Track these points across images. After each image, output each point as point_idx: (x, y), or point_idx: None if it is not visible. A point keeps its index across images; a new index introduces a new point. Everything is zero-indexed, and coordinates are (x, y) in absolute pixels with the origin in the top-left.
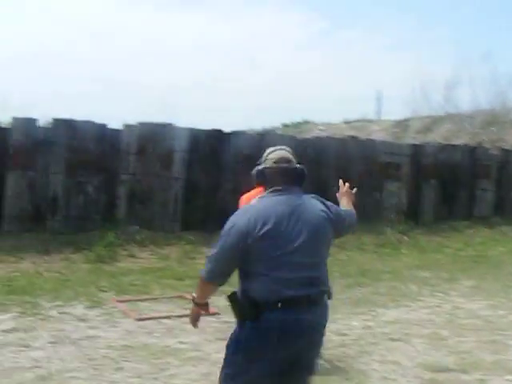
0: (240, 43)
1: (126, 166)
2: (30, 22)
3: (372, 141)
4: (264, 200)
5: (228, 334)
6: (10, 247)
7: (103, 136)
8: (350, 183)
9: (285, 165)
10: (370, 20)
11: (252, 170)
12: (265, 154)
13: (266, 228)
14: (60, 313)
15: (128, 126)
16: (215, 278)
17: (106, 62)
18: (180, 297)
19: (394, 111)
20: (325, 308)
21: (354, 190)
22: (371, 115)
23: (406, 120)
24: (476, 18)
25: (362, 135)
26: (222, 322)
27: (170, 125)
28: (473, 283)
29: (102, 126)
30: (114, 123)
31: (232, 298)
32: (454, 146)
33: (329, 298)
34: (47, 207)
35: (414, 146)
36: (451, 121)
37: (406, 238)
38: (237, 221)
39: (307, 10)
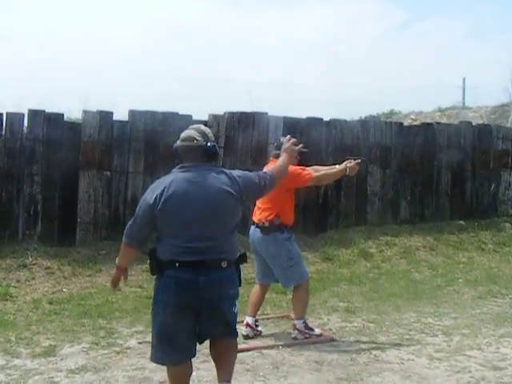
0: (319, 38)
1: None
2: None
3: (487, 126)
4: (171, 175)
5: None
6: (84, 258)
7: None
8: None
9: (187, 143)
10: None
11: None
12: None
13: (168, 202)
14: (140, 343)
15: (214, 116)
16: (132, 241)
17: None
18: (286, 317)
19: (489, 98)
20: (225, 272)
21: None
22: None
23: (505, 105)
24: None
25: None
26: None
27: (264, 113)
28: None
29: (188, 117)
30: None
31: (149, 254)
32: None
33: (234, 263)
34: (126, 211)
35: None
36: None
37: None
38: (147, 194)
39: (384, 2)
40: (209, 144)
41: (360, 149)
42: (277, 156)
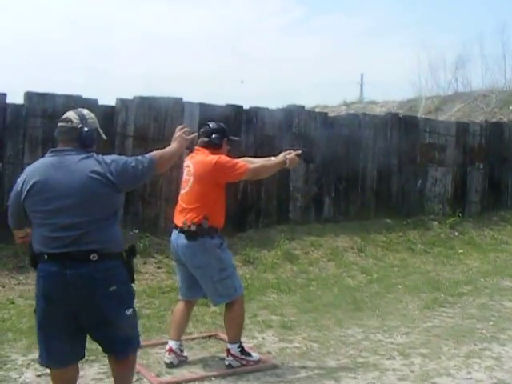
0: (222, 33)
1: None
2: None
3: (414, 118)
4: (39, 161)
5: None
6: None
7: None
8: None
9: (62, 124)
10: (348, 5)
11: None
12: None
13: (32, 189)
14: (39, 375)
15: (122, 101)
16: (13, 225)
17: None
18: (213, 336)
19: (393, 93)
20: (97, 266)
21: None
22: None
23: (412, 100)
24: None
25: None
26: None
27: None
28: None
29: (93, 101)
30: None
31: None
32: (499, 123)
33: (116, 256)
34: None
35: (458, 123)
36: (462, 100)
37: (456, 233)
38: (17, 180)
39: None
40: (85, 128)
41: (282, 140)
42: (205, 145)
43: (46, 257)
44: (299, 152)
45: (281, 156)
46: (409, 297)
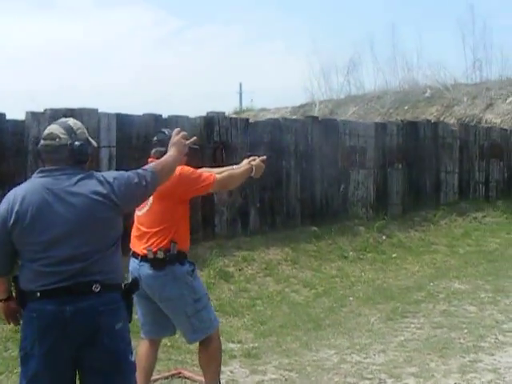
0: (95, 46)
1: None
2: None
3: (333, 120)
4: (27, 183)
5: None
6: None
7: None
8: None
9: (48, 142)
10: (223, 15)
11: None
12: None
13: (21, 217)
14: None
15: (33, 114)
16: None
17: None
18: (177, 375)
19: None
20: (99, 298)
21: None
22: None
23: (305, 105)
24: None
25: None
26: None
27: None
28: None
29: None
30: None
31: (14, 283)
32: (414, 122)
33: (117, 288)
34: None
35: (376, 124)
36: (356, 103)
37: (384, 237)
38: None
39: (157, 8)
40: (76, 143)
41: (204, 149)
42: (161, 155)
43: (38, 294)
44: (264, 158)
45: (245, 163)
46: (365, 309)
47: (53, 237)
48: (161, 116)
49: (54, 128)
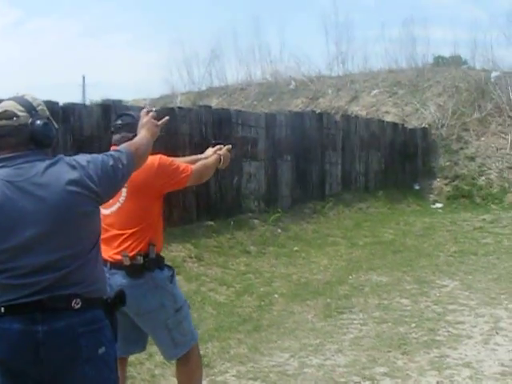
0: None
1: None
2: None
3: (226, 110)
4: None
5: None
6: None
7: None
8: None
9: (3, 122)
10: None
11: None
12: None
13: None
14: None
15: None
16: None
17: None
18: None
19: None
20: (80, 316)
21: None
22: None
23: (166, 97)
24: None
25: None
26: None
27: None
28: (458, 282)
29: None
30: None
31: None
32: (301, 113)
33: (101, 304)
34: None
35: (266, 114)
36: (219, 94)
37: (279, 230)
38: None
39: None
40: (38, 122)
41: (102, 141)
42: (121, 142)
43: (1, 310)
44: (230, 146)
45: (210, 152)
46: (296, 306)
47: (21, 242)
48: (57, 104)
49: (8, 105)
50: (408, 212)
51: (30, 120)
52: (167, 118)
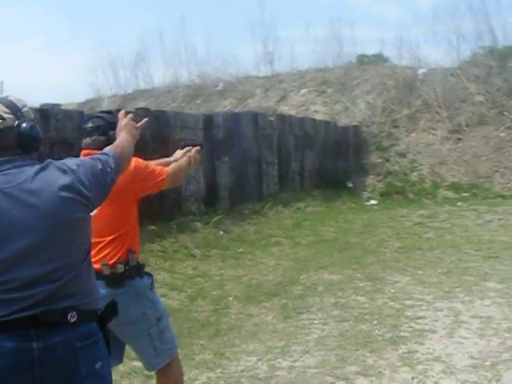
0: None
1: None
2: None
3: (163, 112)
4: None
5: None
6: None
7: None
8: None
9: None
10: None
11: None
12: None
13: None
14: None
15: None
16: None
17: None
18: None
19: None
20: (77, 330)
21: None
22: None
23: (91, 101)
24: None
25: None
26: None
27: None
28: (409, 278)
29: None
30: None
31: None
32: (237, 114)
33: (105, 315)
34: None
35: (204, 115)
36: (145, 97)
37: (221, 232)
38: None
39: None
40: (24, 124)
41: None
42: (101, 145)
43: None
44: (199, 147)
45: (179, 154)
46: (253, 309)
47: (12, 253)
48: None
49: None
50: (344, 210)
51: (16, 122)
52: (146, 119)
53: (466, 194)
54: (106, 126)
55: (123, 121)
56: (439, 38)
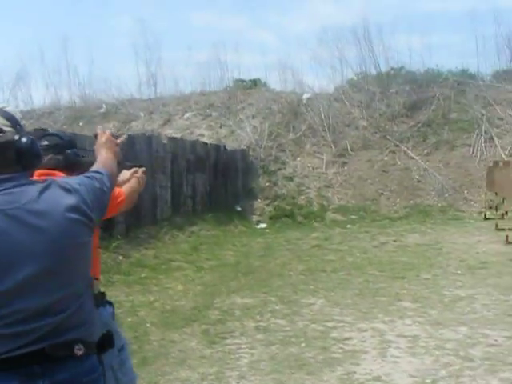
0: None
1: None
2: None
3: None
4: None
5: None
6: None
7: None
8: None
9: None
10: None
11: None
12: None
13: None
14: None
15: None
16: None
17: None
18: None
19: None
20: (83, 365)
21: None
22: None
23: None
24: None
25: None
26: None
27: None
28: (323, 300)
29: None
30: None
31: None
32: (132, 136)
33: (103, 346)
34: None
35: None
36: (25, 119)
37: (120, 257)
38: None
39: None
40: (24, 139)
41: None
42: (58, 166)
43: None
44: (144, 169)
45: (127, 175)
46: (174, 335)
47: (16, 283)
48: None
49: None
50: (237, 233)
51: (17, 136)
52: (125, 136)
53: (353, 217)
54: (63, 145)
55: (103, 137)
56: (323, 64)
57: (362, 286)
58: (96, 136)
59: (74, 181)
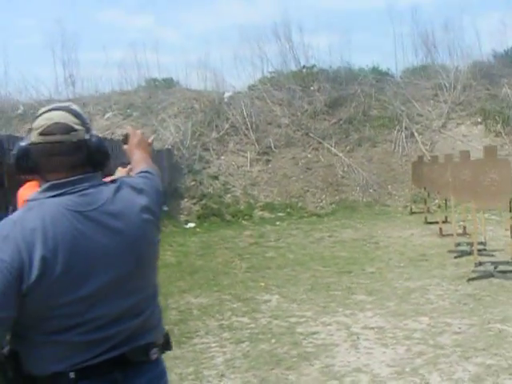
0: None
1: None
2: None
3: None
4: (37, 209)
5: None
6: None
7: None
8: None
9: (58, 137)
10: None
11: None
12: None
13: (49, 265)
14: None
15: None
16: None
17: None
18: None
19: None
20: (156, 369)
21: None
22: None
23: None
24: None
25: None
26: None
27: None
28: (278, 296)
29: None
30: None
31: (4, 364)
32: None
33: (165, 348)
34: None
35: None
36: None
37: None
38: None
39: None
40: (95, 139)
41: None
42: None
43: (72, 376)
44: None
45: (124, 173)
46: None
47: (100, 286)
48: None
49: (60, 116)
50: (169, 233)
51: (88, 135)
52: (154, 136)
53: (281, 214)
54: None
55: (135, 138)
56: (244, 62)
57: (312, 282)
58: (126, 136)
59: (139, 180)
